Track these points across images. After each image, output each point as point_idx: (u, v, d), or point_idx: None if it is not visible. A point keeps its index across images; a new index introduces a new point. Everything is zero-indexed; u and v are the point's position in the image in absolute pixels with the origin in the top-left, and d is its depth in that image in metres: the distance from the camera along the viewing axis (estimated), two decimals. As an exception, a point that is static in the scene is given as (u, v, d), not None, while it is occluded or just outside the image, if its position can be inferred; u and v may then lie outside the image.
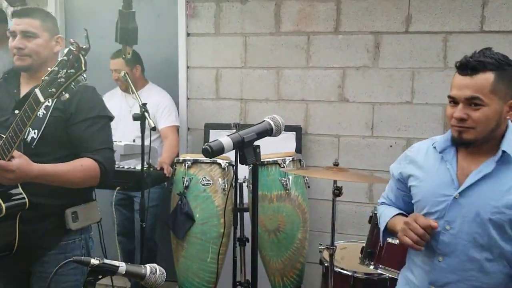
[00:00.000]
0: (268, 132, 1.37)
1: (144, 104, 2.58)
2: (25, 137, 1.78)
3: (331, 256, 2.43)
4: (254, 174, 1.39)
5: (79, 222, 1.92)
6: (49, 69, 1.61)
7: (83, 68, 1.56)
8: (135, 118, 2.58)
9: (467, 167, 1.57)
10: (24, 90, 1.90)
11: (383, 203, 1.92)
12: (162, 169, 2.92)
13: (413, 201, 1.73)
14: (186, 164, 2.87)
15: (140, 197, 2.61)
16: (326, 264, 2.55)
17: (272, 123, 1.39)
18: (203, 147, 1.29)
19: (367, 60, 3.25)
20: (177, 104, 3.49)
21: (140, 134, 2.64)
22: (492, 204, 1.50)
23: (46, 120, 1.81)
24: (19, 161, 1.64)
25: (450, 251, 1.58)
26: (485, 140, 1.53)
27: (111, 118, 2.00)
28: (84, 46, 1.57)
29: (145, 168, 2.63)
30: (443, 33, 3.14)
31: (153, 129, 2.53)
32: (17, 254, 1.81)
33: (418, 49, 3.18)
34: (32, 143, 1.80)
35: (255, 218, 1.36)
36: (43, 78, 1.59)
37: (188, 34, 3.54)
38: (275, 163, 2.83)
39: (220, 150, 1.28)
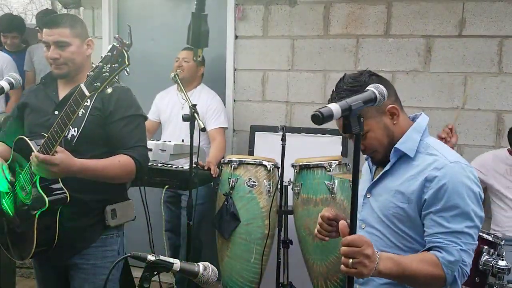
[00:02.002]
0: (372, 100, 1.30)
1: (194, 105, 2.63)
2: (66, 134, 1.84)
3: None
4: (357, 144, 1.29)
5: (117, 219, 2.00)
6: (93, 65, 1.67)
7: (127, 63, 1.61)
8: (185, 118, 2.62)
9: (382, 169, 1.64)
10: (62, 93, 1.98)
11: None
12: (209, 169, 2.96)
13: None
14: (232, 165, 2.91)
15: (188, 196, 2.66)
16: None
17: (376, 91, 1.31)
18: (313, 113, 1.23)
19: (418, 64, 3.18)
20: (223, 105, 3.53)
21: (187, 134, 2.68)
22: (387, 199, 1.56)
23: (85, 119, 1.89)
24: (62, 155, 1.71)
25: None
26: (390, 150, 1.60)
27: (145, 117, 2.07)
28: (127, 42, 1.62)
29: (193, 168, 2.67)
30: (498, 37, 3.04)
31: (203, 130, 2.56)
32: (57, 248, 1.87)
33: (472, 53, 3.09)
34: (72, 141, 1.88)
35: (354, 210, 1.29)
36: (88, 73, 1.65)
37: (236, 37, 3.58)
38: (321, 166, 2.82)
39: (330, 116, 1.22)
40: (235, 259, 2.88)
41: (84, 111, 1.89)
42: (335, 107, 1.23)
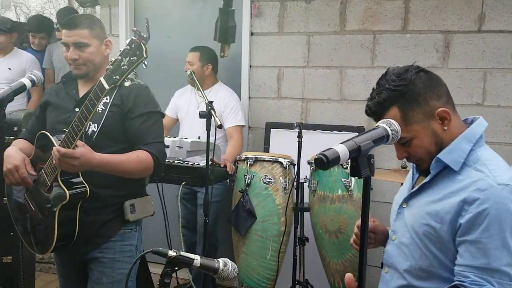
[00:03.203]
0: (384, 138, 1.17)
1: (211, 102, 2.63)
2: (86, 130, 1.88)
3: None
4: (366, 188, 1.15)
5: (136, 214, 2.02)
6: (112, 59, 1.69)
7: (144, 55, 1.64)
8: (201, 116, 2.63)
9: (425, 177, 1.45)
10: (82, 91, 2.02)
11: None
12: (225, 166, 2.97)
13: None
14: (248, 162, 2.91)
15: (204, 193, 2.67)
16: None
17: (388, 128, 1.19)
18: (317, 157, 1.08)
19: (436, 60, 3.14)
20: (238, 102, 3.52)
21: (204, 131, 2.69)
22: (420, 215, 1.38)
23: (105, 115, 1.92)
24: (83, 149, 1.74)
25: (391, 262, 1.47)
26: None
27: (163, 114, 2.09)
28: (145, 35, 1.64)
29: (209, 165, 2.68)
30: (519, 32, 2.98)
31: (219, 126, 2.57)
32: (77, 242, 1.90)
33: (491, 49, 3.04)
34: (92, 136, 1.91)
35: (364, 232, 1.16)
36: (107, 67, 1.68)
37: (251, 33, 3.57)
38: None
39: (336, 160, 1.08)
40: (251, 256, 2.88)
41: (103, 108, 1.92)
42: (341, 149, 1.09)
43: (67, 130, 1.76)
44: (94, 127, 1.91)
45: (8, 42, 3.96)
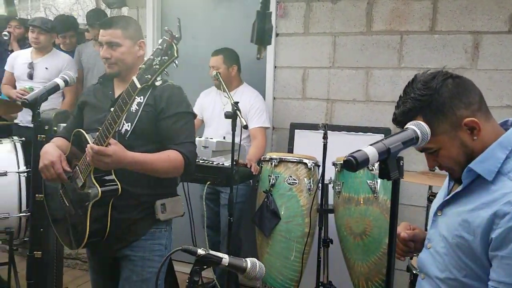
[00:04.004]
0: (413, 140, 1.17)
1: (236, 103, 2.65)
2: (120, 128, 1.92)
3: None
4: (395, 190, 1.16)
5: (166, 214, 2.04)
6: (145, 58, 1.73)
7: (176, 55, 1.67)
8: (227, 116, 2.65)
9: (459, 185, 1.41)
10: (117, 92, 2.06)
11: None
12: (249, 166, 2.98)
13: None
14: (273, 163, 2.91)
15: (229, 192, 2.68)
16: (414, 272, 2.46)
17: (417, 130, 1.18)
18: (346, 159, 1.09)
19: (465, 61, 3.09)
20: (263, 103, 3.52)
21: (229, 131, 2.70)
22: (453, 226, 1.34)
23: (138, 115, 1.95)
24: (115, 147, 1.78)
25: (426, 270, 1.44)
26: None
27: (194, 115, 2.12)
28: (176, 35, 1.67)
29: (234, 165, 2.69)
30: (552, 33, 2.91)
31: (245, 127, 2.59)
32: (109, 239, 1.94)
33: (523, 49, 2.98)
34: (125, 135, 1.95)
35: (392, 234, 1.17)
36: (140, 66, 1.72)
37: (277, 34, 3.57)
38: (363, 165, 2.77)
39: (365, 162, 1.08)
40: (275, 256, 2.88)
41: (137, 108, 1.96)
42: (371, 151, 1.09)
43: (100, 128, 1.81)
44: (128, 126, 1.95)
45: (48, 42, 3.99)
